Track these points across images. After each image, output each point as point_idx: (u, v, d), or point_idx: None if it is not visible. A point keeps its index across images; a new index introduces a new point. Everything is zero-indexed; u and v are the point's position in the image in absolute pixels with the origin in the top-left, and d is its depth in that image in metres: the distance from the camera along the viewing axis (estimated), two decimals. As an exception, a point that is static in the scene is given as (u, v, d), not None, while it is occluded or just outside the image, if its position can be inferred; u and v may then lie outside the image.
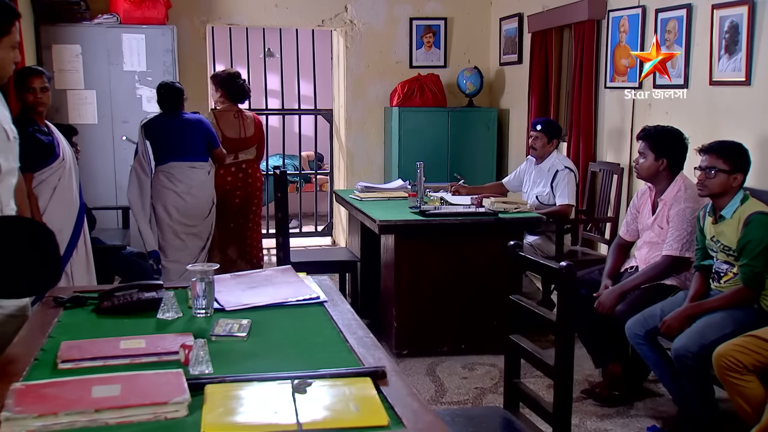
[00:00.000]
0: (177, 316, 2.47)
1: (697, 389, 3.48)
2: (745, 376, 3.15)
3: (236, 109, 5.73)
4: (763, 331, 3.21)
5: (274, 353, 2.17)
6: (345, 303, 2.66)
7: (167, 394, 1.71)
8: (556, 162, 5.18)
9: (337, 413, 1.70)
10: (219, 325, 2.33)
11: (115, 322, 2.43)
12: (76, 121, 6.53)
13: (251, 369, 2.00)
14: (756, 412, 3.08)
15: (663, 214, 4.03)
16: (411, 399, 1.84)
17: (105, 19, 6.64)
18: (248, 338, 2.28)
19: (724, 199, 3.56)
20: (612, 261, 4.25)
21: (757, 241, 3.39)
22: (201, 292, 2.46)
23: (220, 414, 1.68)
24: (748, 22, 4.29)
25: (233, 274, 2.90)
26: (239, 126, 5.68)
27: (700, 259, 3.73)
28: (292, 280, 2.83)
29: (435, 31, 7.76)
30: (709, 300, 3.58)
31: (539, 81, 6.59)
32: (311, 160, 9.80)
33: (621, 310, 3.88)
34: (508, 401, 2.76)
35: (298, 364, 2.05)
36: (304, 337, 2.33)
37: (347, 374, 1.92)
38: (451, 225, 4.63)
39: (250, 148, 5.74)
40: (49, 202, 4.10)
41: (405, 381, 1.95)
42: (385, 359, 2.10)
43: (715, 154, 3.55)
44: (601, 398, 4.07)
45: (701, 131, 4.65)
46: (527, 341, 2.65)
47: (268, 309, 2.58)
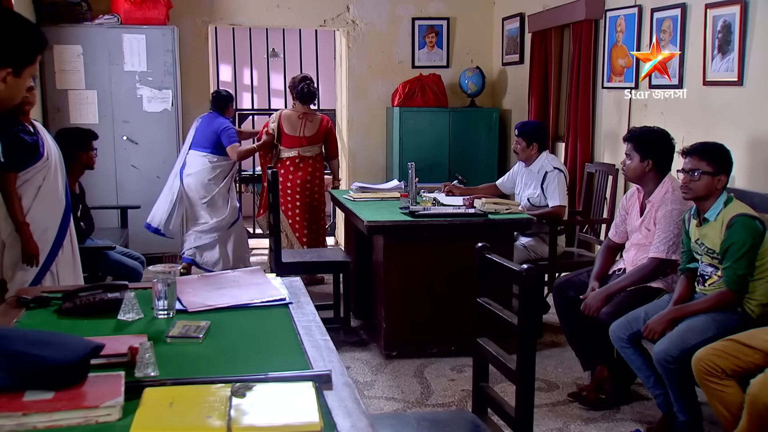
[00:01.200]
0: (138, 317, 2.46)
1: (679, 394, 3.44)
2: (723, 381, 3.10)
3: (303, 111, 6.40)
4: (742, 336, 3.16)
5: (226, 356, 2.16)
6: (310, 305, 2.64)
7: (100, 397, 1.70)
8: (545, 163, 5.14)
9: (271, 418, 1.68)
10: (176, 327, 2.32)
11: (74, 324, 2.42)
12: (77, 121, 6.59)
13: (199, 371, 1.99)
14: (735, 417, 3.03)
15: (650, 215, 3.98)
16: (353, 404, 1.82)
17: (106, 20, 6.68)
18: (204, 340, 2.26)
19: (708, 202, 3.51)
20: (600, 263, 4.21)
21: (739, 244, 3.34)
22: (161, 293, 2.45)
23: (151, 418, 1.66)
24: (740, 21, 4.24)
25: (201, 275, 2.90)
26: (300, 126, 6.37)
27: (685, 262, 3.69)
28: (259, 281, 2.82)
29: (437, 31, 7.73)
30: (692, 303, 3.54)
31: (539, 81, 6.55)
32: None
33: (606, 313, 3.84)
34: (477, 405, 2.73)
35: (247, 367, 2.03)
36: (261, 339, 2.31)
37: (290, 378, 1.90)
38: (441, 226, 4.60)
39: (310, 146, 6.39)
40: (33, 202, 4.10)
41: (351, 386, 1.92)
42: (336, 363, 2.07)
43: (698, 156, 3.50)
44: (587, 402, 4.04)
45: (696, 132, 4.61)
46: (494, 344, 2.62)
47: (231, 311, 2.56)
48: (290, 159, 6.41)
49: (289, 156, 6.41)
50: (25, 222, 4.05)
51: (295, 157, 6.40)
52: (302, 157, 6.40)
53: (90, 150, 4.98)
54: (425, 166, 7.05)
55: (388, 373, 4.50)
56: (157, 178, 6.90)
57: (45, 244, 4.16)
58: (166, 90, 6.79)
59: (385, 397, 4.16)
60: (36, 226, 4.11)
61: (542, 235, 5.16)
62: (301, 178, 6.39)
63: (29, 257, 4.09)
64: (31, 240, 4.08)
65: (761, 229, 3.38)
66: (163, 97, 6.80)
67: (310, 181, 6.42)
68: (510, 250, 4.74)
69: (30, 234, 4.07)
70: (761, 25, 4.14)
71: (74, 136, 5.02)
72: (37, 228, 4.12)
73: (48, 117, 6.63)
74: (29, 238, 4.07)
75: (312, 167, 6.43)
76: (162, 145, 6.89)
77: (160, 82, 6.78)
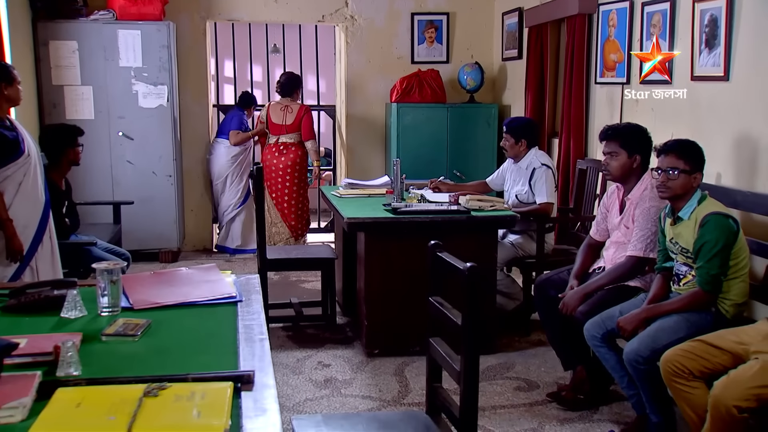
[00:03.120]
0: (81, 314, 2.44)
1: (651, 394, 3.38)
2: (691, 383, 3.04)
3: (286, 102, 7.08)
4: (710, 336, 3.09)
5: (158, 355, 2.13)
6: (259, 303, 2.61)
7: (5, 398, 1.68)
8: (533, 160, 5.07)
9: (175, 419, 1.65)
10: (114, 325, 2.30)
11: (15, 321, 2.40)
12: (72, 117, 6.60)
13: (128, 371, 1.97)
14: (701, 419, 2.96)
15: (629, 213, 3.92)
16: (270, 406, 1.78)
17: (101, 15, 6.69)
18: (140, 339, 2.24)
19: (682, 200, 3.44)
20: (580, 261, 4.15)
21: (712, 243, 3.27)
22: (104, 290, 2.43)
23: (54, 419, 1.63)
24: (726, 15, 4.15)
25: (155, 272, 2.87)
26: (283, 115, 7.04)
27: (661, 261, 3.62)
28: (212, 278, 2.79)
29: (437, 26, 7.67)
30: (665, 303, 3.47)
31: (535, 77, 6.47)
32: (323, 156, 9.77)
33: (581, 312, 3.78)
34: (430, 406, 2.69)
35: (174, 367, 2.00)
36: (198, 338, 2.28)
37: (210, 378, 1.87)
38: (422, 223, 4.55)
39: (290, 134, 7.05)
40: (14, 198, 4.11)
41: (272, 387, 1.88)
42: (266, 364, 2.03)
43: (674, 154, 3.43)
44: (565, 402, 3.98)
45: (684, 128, 4.53)
46: (444, 345, 2.57)
47: (178, 308, 2.54)
48: (275, 145, 7.10)
49: (274, 142, 7.11)
50: (9, 219, 4.05)
51: (279, 143, 7.08)
52: (285, 144, 7.07)
53: (76, 146, 4.98)
54: (423, 163, 7.01)
55: (368, 372, 4.46)
56: (153, 174, 6.92)
57: (26, 240, 4.17)
58: (161, 86, 6.79)
59: (362, 396, 4.12)
60: (17, 222, 4.11)
61: (530, 232, 5.10)
62: (284, 163, 7.07)
63: (14, 253, 4.09)
64: (16, 236, 4.08)
65: (735, 228, 3.30)
66: (159, 93, 6.80)
67: (291, 166, 7.08)
68: (493, 247, 4.69)
69: (14, 230, 4.08)
70: (747, 19, 4.05)
71: (60, 132, 5.02)
72: (18, 224, 4.12)
73: (44, 113, 6.65)
74: (14, 234, 4.08)
75: (294, 153, 7.09)
76: (157, 140, 6.89)
77: (156, 77, 6.77)
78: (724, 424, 2.77)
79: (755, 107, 3.98)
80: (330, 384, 4.29)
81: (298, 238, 7.27)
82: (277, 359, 4.65)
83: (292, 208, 7.18)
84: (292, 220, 7.19)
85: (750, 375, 2.79)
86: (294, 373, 4.44)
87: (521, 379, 4.37)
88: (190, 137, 7.44)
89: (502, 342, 4.90)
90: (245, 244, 7.46)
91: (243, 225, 7.47)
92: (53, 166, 4.92)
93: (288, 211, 7.16)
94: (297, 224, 7.24)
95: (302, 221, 7.30)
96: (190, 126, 7.42)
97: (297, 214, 7.23)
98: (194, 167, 7.52)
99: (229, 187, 7.38)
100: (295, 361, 4.63)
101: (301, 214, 7.26)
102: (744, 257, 3.36)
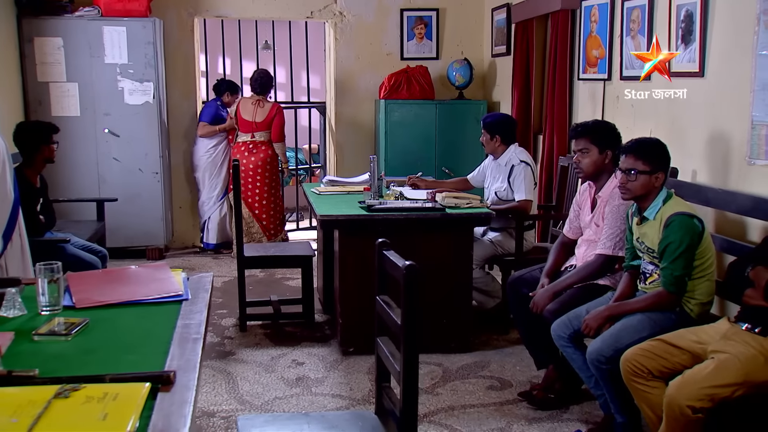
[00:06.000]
0: (20, 313, 2.41)
1: (615, 394, 3.34)
2: (650, 382, 3.00)
3: (257, 99, 7.01)
4: (670, 336, 3.05)
5: (85, 355, 2.10)
6: (204, 302, 2.58)
7: None
8: (512, 156, 5.03)
9: (79, 422, 1.62)
10: (49, 324, 2.27)
11: (-48, 320, 2.38)
12: (58, 114, 6.59)
13: (48, 371, 1.94)
14: (660, 419, 2.92)
15: (599, 211, 3.87)
16: (185, 409, 1.75)
17: (86, 12, 6.67)
18: (73, 338, 2.21)
19: (647, 200, 3.39)
20: (552, 259, 4.11)
21: (676, 244, 3.22)
22: (43, 288, 2.41)
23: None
24: (701, 10, 4.10)
25: (104, 270, 2.85)
26: (254, 111, 6.96)
27: (629, 259, 3.58)
28: (161, 277, 2.76)
29: (427, 22, 7.62)
30: (630, 301, 3.43)
31: (521, 73, 6.43)
32: (315, 153, 9.74)
33: (550, 310, 3.75)
34: (379, 406, 2.66)
35: (98, 367, 1.97)
36: (132, 337, 2.25)
37: (127, 378, 1.84)
38: (396, 220, 4.51)
39: (260, 131, 6.99)
40: None
41: (191, 389, 1.85)
42: (191, 365, 2.00)
43: (633, 154, 3.37)
44: (535, 401, 3.94)
45: (662, 125, 4.49)
46: (390, 343, 2.54)
47: (121, 307, 2.51)
48: (244, 144, 7.02)
49: (243, 141, 7.03)
50: None
51: (248, 142, 7.01)
52: (255, 142, 7.01)
53: (51, 143, 4.96)
54: (412, 159, 6.98)
55: (342, 370, 4.43)
56: (140, 170, 6.90)
57: None
58: (147, 82, 6.76)
59: (332, 395, 4.10)
60: None
61: (510, 230, 5.05)
62: (254, 162, 6.98)
63: None
64: None
65: (699, 228, 3.25)
66: (145, 90, 6.78)
67: (261, 165, 6.99)
68: (469, 245, 4.64)
69: None
70: (720, 14, 4.00)
71: (35, 129, 5.01)
72: None
73: (29, 109, 6.64)
74: None
75: (264, 153, 7.03)
76: (144, 137, 6.87)
77: (142, 74, 6.75)
78: (679, 424, 2.73)
79: (729, 103, 3.93)
80: (301, 382, 4.26)
81: (272, 237, 7.17)
82: (251, 357, 4.64)
83: (264, 207, 7.08)
84: (264, 220, 7.10)
85: (704, 375, 2.75)
86: (266, 371, 4.41)
87: (495, 378, 4.33)
88: (179, 134, 7.42)
89: (480, 340, 4.86)
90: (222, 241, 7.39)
91: (219, 221, 7.34)
92: (27, 164, 4.90)
93: (260, 211, 7.06)
94: (270, 224, 7.15)
95: (275, 221, 7.21)
96: (178, 123, 7.40)
97: (269, 213, 7.13)
98: (182, 164, 7.49)
99: (208, 180, 7.26)
100: (270, 359, 4.61)
101: (273, 214, 7.17)
102: (710, 257, 3.31)
